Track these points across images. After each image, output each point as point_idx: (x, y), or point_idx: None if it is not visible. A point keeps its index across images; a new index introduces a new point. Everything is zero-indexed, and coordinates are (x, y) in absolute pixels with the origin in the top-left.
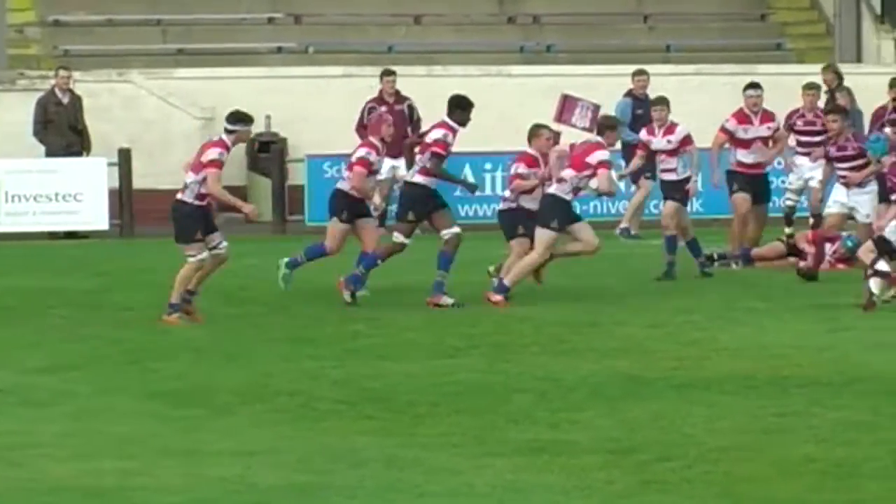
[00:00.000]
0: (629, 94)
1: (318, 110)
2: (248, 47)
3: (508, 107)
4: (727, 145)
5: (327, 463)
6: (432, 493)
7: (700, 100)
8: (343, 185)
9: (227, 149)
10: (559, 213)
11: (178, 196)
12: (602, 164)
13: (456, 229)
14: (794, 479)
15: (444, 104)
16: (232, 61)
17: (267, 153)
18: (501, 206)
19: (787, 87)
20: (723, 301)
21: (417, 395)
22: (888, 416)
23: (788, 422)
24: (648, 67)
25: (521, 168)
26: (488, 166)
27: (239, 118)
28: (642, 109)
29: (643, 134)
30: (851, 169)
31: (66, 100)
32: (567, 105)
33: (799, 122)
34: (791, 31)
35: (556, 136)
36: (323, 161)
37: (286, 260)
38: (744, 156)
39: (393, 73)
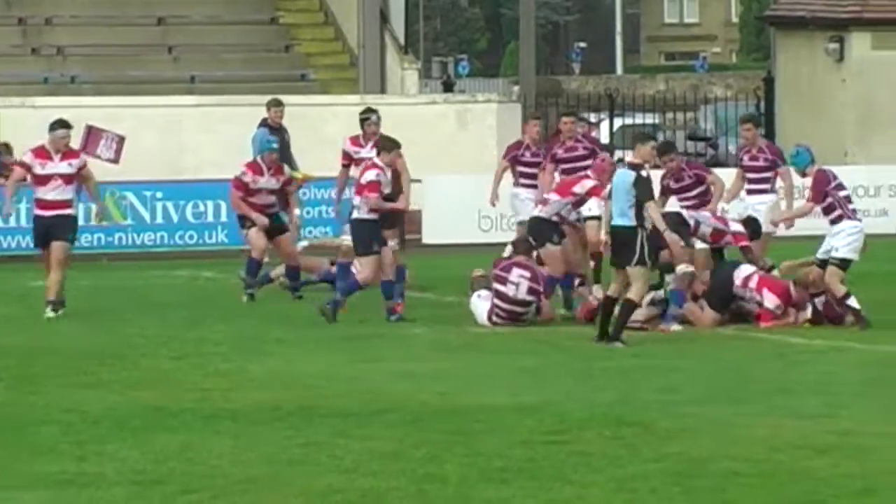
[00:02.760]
0: (264, 123)
1: None
2: None
3: (33, 138)
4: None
5: None
6: None
7: (226, 129)
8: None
9: None
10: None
11: None
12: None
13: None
14: None
15: None
16: None
17: None
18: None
19: (312, 117)
20: (252, 332)
21: None
22: (412, 445)
23: (314, 452)
24: (171, 99)
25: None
26: None
27: None
28: (278, 139)
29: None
30: None
31: None
32: (92, 136)
33: (527, 154)
34: (316, 63)
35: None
36: None
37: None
38: None
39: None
